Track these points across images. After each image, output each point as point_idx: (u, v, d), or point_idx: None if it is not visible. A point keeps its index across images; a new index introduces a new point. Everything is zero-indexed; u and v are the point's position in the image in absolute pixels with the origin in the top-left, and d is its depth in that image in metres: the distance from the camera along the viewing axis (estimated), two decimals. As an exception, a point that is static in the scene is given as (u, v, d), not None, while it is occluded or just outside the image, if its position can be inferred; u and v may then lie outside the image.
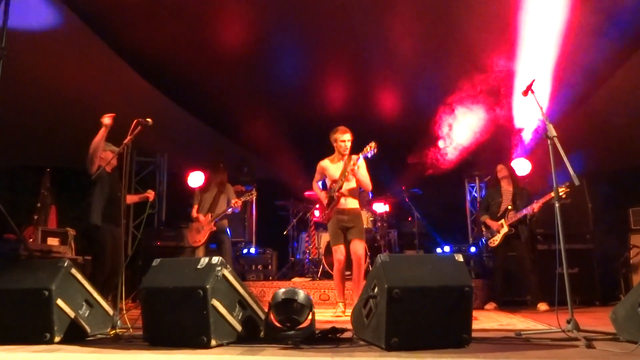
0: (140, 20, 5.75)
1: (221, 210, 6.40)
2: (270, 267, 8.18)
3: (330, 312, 5.22)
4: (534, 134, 7.04)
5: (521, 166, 7.36)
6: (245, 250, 8.59)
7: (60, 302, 3.42)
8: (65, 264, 3.61)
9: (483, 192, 9.04)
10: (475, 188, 9.42)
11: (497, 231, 6.31)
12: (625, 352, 2.73)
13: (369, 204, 8.17)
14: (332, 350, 2.97)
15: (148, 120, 4.20)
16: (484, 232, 6.57)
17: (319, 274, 7.36)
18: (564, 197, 5.39)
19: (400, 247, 8.57)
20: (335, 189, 5.33)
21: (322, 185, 5.68)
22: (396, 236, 8.54)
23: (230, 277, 3.36)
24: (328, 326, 3.43)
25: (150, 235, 8.08)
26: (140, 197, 5.88)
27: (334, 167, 5.48)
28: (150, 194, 5.79)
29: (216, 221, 6.36)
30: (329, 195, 5.41)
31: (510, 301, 6.53)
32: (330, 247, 5.64)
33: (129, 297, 6.61)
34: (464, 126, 7.25)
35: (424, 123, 7.35)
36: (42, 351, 3.08)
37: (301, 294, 3.33)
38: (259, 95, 7.42)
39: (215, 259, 3.36)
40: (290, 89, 7.13)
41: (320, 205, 5.61)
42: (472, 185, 9.51)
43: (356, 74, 6.79)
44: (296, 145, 5.52)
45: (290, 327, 3.29)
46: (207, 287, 3.11)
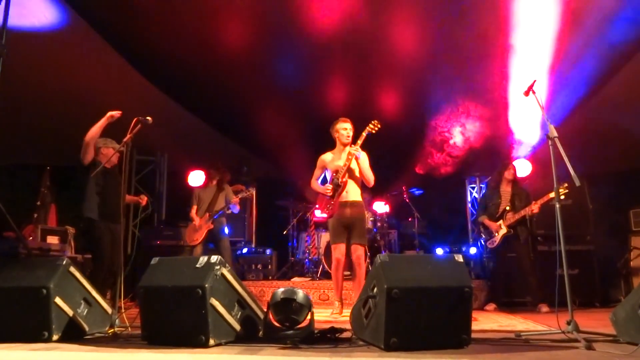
0: (141, 19, 5.74)
1: (219, 208, 6.40)
2: (269, 266, 8.18)
3: (329, 312, 5.19)
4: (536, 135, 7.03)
5: (522, 167, 7.35)
6: (244, 250, 8.59)
7: (58, 301, 3.42)
8: (64, 262, 3.61)
9: (483, 193, 9.04)
10: (475, 189, 9.41)
11: (495, 232, 6.30)
12: (625, 354, 2.72)
13: (369, 204, 8.17)
14: (330, 350, 2.97)
15: (148, 118, 4.19)
16: (482, 233, 6.56)
17: (318, 274, 7.36)
18: (563, 197, 5.37)
19: (400, 248, 8.56)
20: (339, 176, 5.20)
21: (321, 183, 5.57)
22: (396, 236, 8.53)
23: (229, 276, 3.35)
24: (327, 326, 3.42)
25: (150, 234, 8.07)
26: (134, 199, 5.85)
27: (334, 158, 5.39)
28: (142, 200, 5.77)
29: (214, 219, 6.35)
30: (333, 183, 5.24)
31: (510, 302, 6.52)
32: (330, 247, 5.59)
33: (128, 295, 6.62)
34: (466, 125, 7.24)
35: (426, 123, 7.34)
36: (40, 349, 3.08)
37: (300, 294, 3.32)
38: (259, 94, 7.41)
39: (214, 258, 3.35)
40: (291, 88, 7.12)
41: (323, 200, 5.41)
42: (472, 186, 9.51)
43: (358, 73, 6.79)
44: (297, 144, 5.51)
45: (289, 327, 3.29)
46: (206, 286, 3.10)
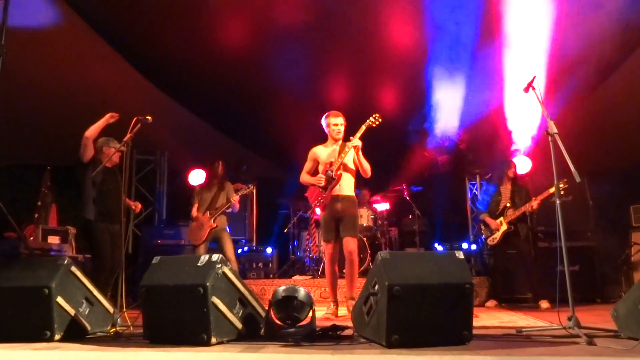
0: (140, 18, 5.74)
1: (220, 205, 6.40)
2: (270, 265, 8.19)
3: (324, 312, 5.06)
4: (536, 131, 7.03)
5: (521, 164, 7.34)
6: (245, 248, 8.60)
7: (60, 300, 3.42)
8: (65, 262, 3.61)
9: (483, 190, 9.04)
10: (476, 186, 9.40)
11: (496, 229, 6.32)
12: (626, 349, 2.72)
13: (369, 202, 8.17)
14: (332, 347, 2.97)
15: (148, 117, 4.20)
16: (483, 231, 6.57)
17: (319, 272, 7.36)
18: (563, 193, 5.37)
19: (400, 245, 8.57)
20: (333, 169, 5.05)
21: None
22: (397, 234, 8.53)
23: (230, 275, 3.35)
24: (328, 324, 3.43)
25: (151, 234, 8.08)
26: (129, 203, 5.74)
27: (327, 151, 5.23)
28: (136, 207, 5.77)
29: (215, 218, 6.35)
30: (327, 176, 5.07)
31: (511, 299, 6.52)
32: None
33: (130, 294, 6.63)
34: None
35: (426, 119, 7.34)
36: (42, 349, 3.08)
37: (301, 292, 3.33)
38: (260, 93, 7.40)
39: (215, 257, 3.35)
40: (291, 86, 7.11)
41: (313, 192, 5.22)
42: (472, 182, 9.50)
43: (357, 71, 6.78)
44: (297, 142, 5.49)
45: (290, 325, 3.30)
46: (207, 284, 3.10)
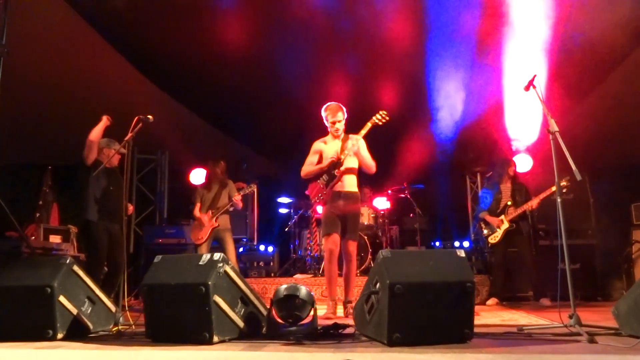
0: (141, 17, 5.74)
1: (221, 205, 6.40)
2: (272, 263, 8.20)
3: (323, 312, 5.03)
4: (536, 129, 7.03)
5: (522, 162, 7.34)
6: (247, 247, 8.61)
7: (62, 299, 3.43)
8: (67, 261, 3.62)
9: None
10: (477, 184, 9.40)
11: (497, 227, 6.32)
12: (627, 347, 2.73)
13: (370, 200, 8.18)
14: (334, 346, 2.98)
15: (149, 117, 4.20)
16: (483, 229, 6.57)
17: (320, 271, 7.36)
18: (564, 191, 5.38)
19: (401, 244, 8.58)
20: (336, 167, 4.94)
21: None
22: (398, 233, 8.54)
23: (232, 274, 3.36)
24: (330, 322, 3.44)
25: (152, 233, 8.09)
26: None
27: (329, 147, 5.11)
28: (129, 209, 5.75)
29: (217, 217, 6.36)
30: (329, 173, 4.97)
31: (512, 297, 6.53)
32: None
33: (132, 294, 6.65)
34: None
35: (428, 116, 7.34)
36: (45, 348, 3.09)
37: (303, 290, 3.33)
38: (260, 92, 7.40)
39: (217, 255, 3.36)
40: (292, 85, 7.11)
41: (315, 187, 5.10)
42: (473, 180, 9.50)
43: (358, 68, 6.78)
44: (298, 141, 5.48)
45: (292, 323, 3.30)
46: (209, 283, 3.11)
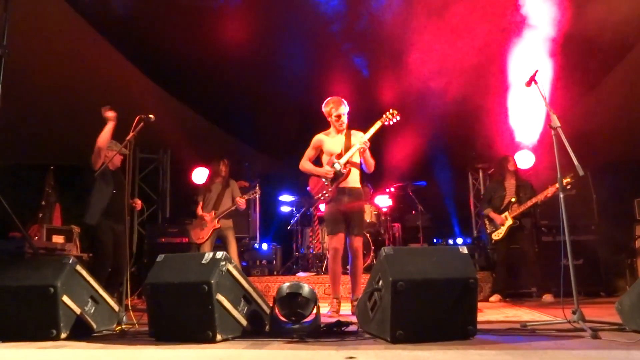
0: (143, 16, 5.74)
1: (225, 208, 6.38)
2: (274, 262, 8.21)
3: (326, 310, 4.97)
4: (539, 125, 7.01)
5: (525, 159, 7.33)
6: (249, 246, 8.61)
7: (65, 299, 3.43)
8: (70, 261, 3.62)
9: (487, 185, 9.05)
10: (479, 180, 9.39)
11: (501, 224, 6.32)
12: (631, 342, 2.73)
13: (372, 198, 8.18)
14: (337, 343, 2.98)
15: (150, 116, 4.20)
16: (487, 226, 6.57)
17: (323, 268, 7.37)
18: (568, 188, 5.37)
19: (404, 241, 8.56)
20: (341, 163, 4.88)
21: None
22: (400, 230, 8.53)
23: (234, 272, 3.36)
24: (333, 320, 3.44)
25: (155, 232, 8.10)
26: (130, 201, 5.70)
27: (332, 141, 5.04)
28: (137, 204, 5.76)
29: (220, 218, 6.35)
30: (336, 172, 4.88)
31: (515, 293, 6.54)
32: None
33: (135, 293, 6.67)
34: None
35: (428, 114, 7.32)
36: (49, 347, 3.10)
37: (306, 288, 3.33)
38: (262, 90, 7.40)
39: (219, 254, 3.36)
40: (294, 84, 7.11)
41: (317, 183, 5.05)
42: (475, 177, 9.49)
43: (359, 66, 6.77)
44: (300, 139, 5.46)
45: (295, 321, 3.30)
46: (212, 282, 3.11)
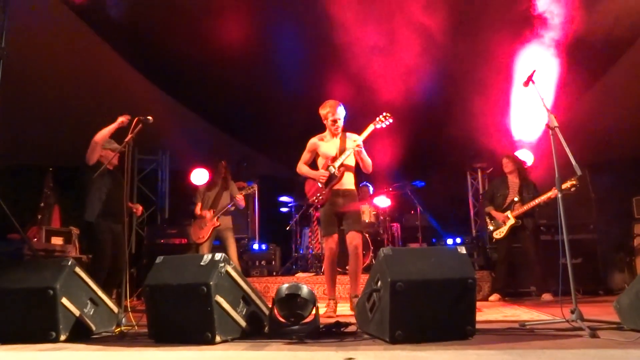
0: (141, 17, 5.74)
1: (223, 204, 6.41)
2: (273, 262, 8.20)
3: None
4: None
5: (525, 157, 7.33)
6: (248, 246, 8.61)
7: (65, 301, 3.44)
8: (69, 262, 3.62)
9: (485, 184, 9.05)
10: (477, 180, 9.40)
11: (503, 223, 6.32)
12: (629, 341, 2.73)
13: (370, 198, 8.18)
14: (336, 344, 2.98)
15: (149, 117, 4.19)
16: (488, 224, 6.57)
17: (322, 269, 7.37)
18: (572, 190, 5.39)
19: (403, 241, 8.56)
20: (335, 166, 4.88)
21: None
22: (399, 230, 8.53)
23: (233, 274, 3.37)
24: (332, 320, 3.44)
25: (154, 233, 8.10)
26: (129, 206, 5.71)
27: (327, 145, 5.05)
28: (137, 210, 5.77)
29: (219, 217, 6.37)
30: (330, 173, 4.90)
31: (514, 292, 6.53)
32: None
33: (134, 294, 6.66)
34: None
35: (425, 114, 7.32)
36: (48, 350, 3.10)
37: (304, 289, 3.33)
38: (261, 91, 7.40)
39: (218, 256, 3.36)
40: (292, 84, 7.11)
41: (313, 187, 5.05)
42: (474, 177, 9.50)
43: (357, 68, 6.76)
44: (299, 139, 5.46)
45: (294, 322, 3.30)
46: (211, 283, 3.11)
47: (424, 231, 8.45)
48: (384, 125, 4.97)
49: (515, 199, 6.31)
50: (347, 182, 5.00)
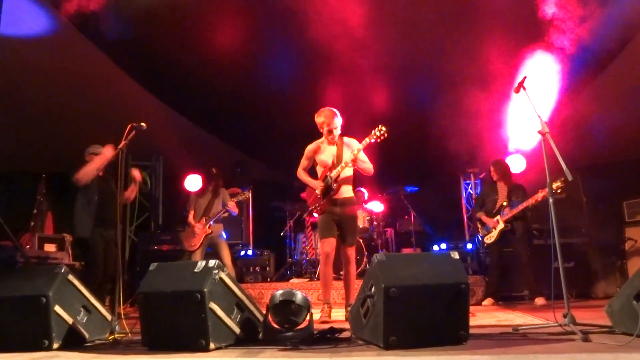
0: (133, 23, 5.72)
1: (215, 211, 6.39)
2: (267, 268, 8.19)
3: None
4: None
5: (516, 163, 7.38)
6: (242, 252, 8.59)
7: (58, 309, 3.42)
8: (62, 270, 3.60)
9: (479, 189, 9.08)
10: (470, 185, 9.43)
11: (493, 228, 6.36)
12: (620, 345, 2.75)
13: (364, 203, 8.19)
14: (330, 350, 2.99)
15: (142, 124, 4.19)
16: (479, 229, 6.62)
17: (316, 275, 7.37)
18: (560, 192, 5.42)
19: (397, 246, 8.58)
20: (332, 178, 4.88)
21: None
22: (393, 235, 8.54)
23: (227, 280, 3.36)
24: (326, 326, 3.44)
25: (147, 240, 8.06)
26: (132, 184, 5.53)
27: (324, 152, 5.04)
28: (134, 174, 5.46)
29: (211, 224, 6.35)
30: (325, 183, 4.91)
31: (507, 297, 6.55)
32: None
33: (127, 301, 6.62)
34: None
35: (419, 119, 7.34)
36: (41, 358, 3.08)
37: (299, 295, 3.33)
38: (254, 96, 7.40)
39: (212, 262, 3.35)
40: (286, 90, 7.12)
41: (312, 194, 5.07)
42: (467, 182, 9.52)
43: (350, 73, 6.79)
44: (293, 145, 5.46)
45: (288, 329, 3.29)
46: (205, 290, 3.11)
47: (418, 236, 8.48)
48: (379, 140, 4.84)
49: (504, 203, 6.36)
50: (345, 190, 5.00)
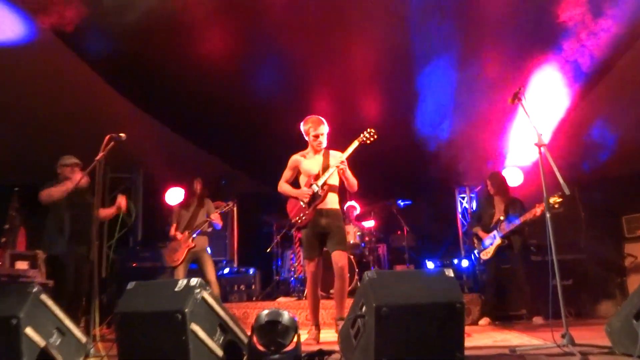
0: (115, 32, 5.62)
1: (199, 224, 6.20)
2: (253, 286, 7.93)
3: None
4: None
5: (513, 176, 7.29)
6: (226, 270, 8.36)
7: (29, 331, 3.25)
8: (34, 289, 3.43)
9: (473, 203, 9.00)
10: (465, 199, 9.33)
11: (490, 243, 6.24)
12: (621, 366, 2.65)
13: (356, 217, 8.05)
14: (318, 374, 2.83)
15: (121, 135, 4.11)
16: (475, 244, 6.51)
17: (304, 293, 7.14)
18: (557, 207, 5.31)
19: (390, 263, 8.41)
20: (318, 185, 4.75)
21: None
22: (385, 251, 8.38)
23: (210, 300, 3.23)
24: (315, 348, 3.29)
25: (126, 256, 7.73)
26: (114, 208, 5.59)
27: (310, 162, 4.93)
28: (120, 202, 5.50)
29: (194, 237, 6.15)
30: (313, 192, 4.76)
31: (504, 316, 6.41)
32: None
33: (103, 322, 6.39)
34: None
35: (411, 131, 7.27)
36: (8, 385, 2.91)
37: (285, 316, 3.19)
38: (239, 108, 7.29)
39: (194, 281, 3.23)
40: (272, 101, 7.04)
41: (295, 206, 4.90)
42: (462, 196, 9.42)
43: (341, 82, 6.72)
44: (279, 157, 5.36)
45: (274, 351, 3.14)
46: (186, 310, 3.00)
47: (412, 252, 8.33)
48: (369, 142, 4.85)
49: (501, 217, 6.25)
50: (331, 201, 4.87)
